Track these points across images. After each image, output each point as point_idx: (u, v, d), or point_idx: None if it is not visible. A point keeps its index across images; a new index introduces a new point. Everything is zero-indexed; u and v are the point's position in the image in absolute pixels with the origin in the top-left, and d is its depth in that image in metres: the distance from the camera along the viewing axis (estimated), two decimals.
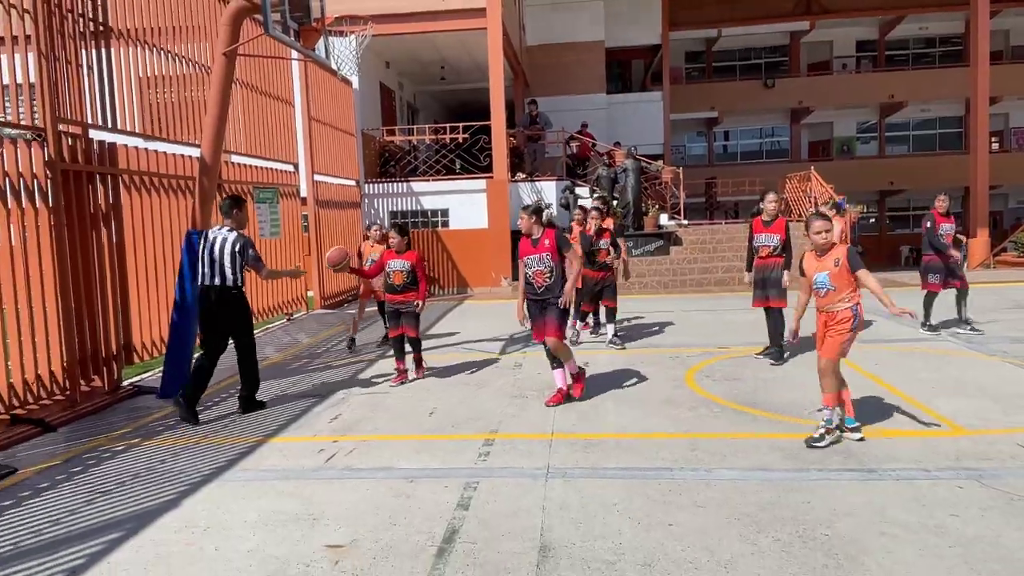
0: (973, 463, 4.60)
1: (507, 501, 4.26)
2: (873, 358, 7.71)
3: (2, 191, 6.08)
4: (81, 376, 6.96)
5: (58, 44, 6.60)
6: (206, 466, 5.09)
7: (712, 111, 32.22)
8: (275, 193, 11.30)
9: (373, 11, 12.02)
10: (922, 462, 4.65)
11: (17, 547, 3.89)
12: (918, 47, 34.08)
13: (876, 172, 32.34)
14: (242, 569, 3.55)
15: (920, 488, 4.24)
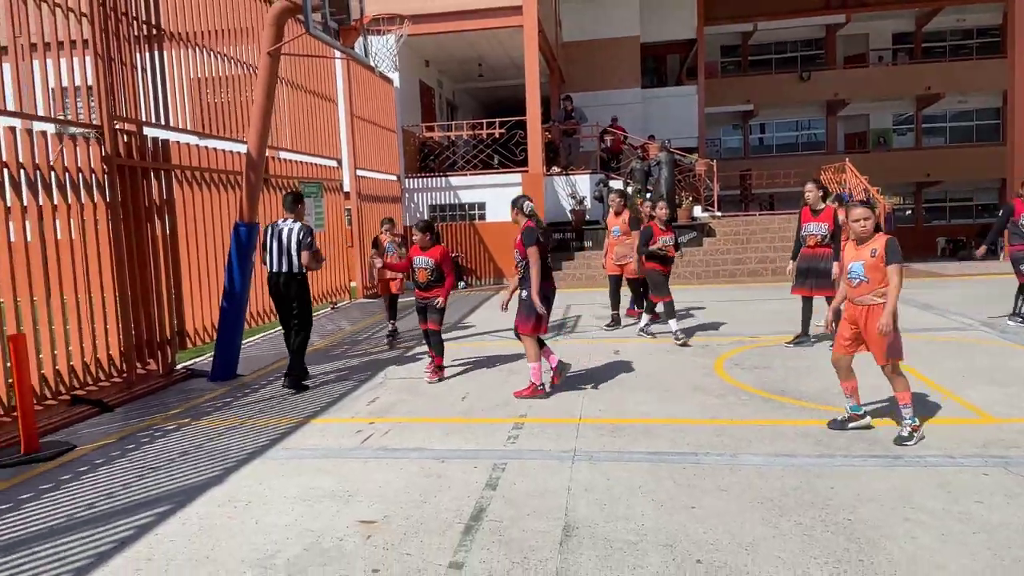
0: (1000, 451, 4.45)
1: (534, 482, 4.25)
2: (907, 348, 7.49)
3: (63, 185, 6.27)
4: (137, 359, 7.15)
5: (114, 47, 6.76)
6: (251, 445, 5.19)
7: (747, 104, 31.62)
8: (320, 188, 11.44)
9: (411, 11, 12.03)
10: (948, 449, 4.51)
11: (72, 518, 4.02)
12: (955, 39, 32.95)
13: (912, 164, 31.44)
14: (279, 542, 3.61)
15: (945, 475, 4.11)
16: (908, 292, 10.52)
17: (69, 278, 6.31)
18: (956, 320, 8.98)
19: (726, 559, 3.26)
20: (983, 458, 4.35)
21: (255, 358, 8.40)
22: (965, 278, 13.72)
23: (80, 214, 6.45)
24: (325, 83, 12.14)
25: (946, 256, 28.61)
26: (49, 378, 6.17)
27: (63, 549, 3.64)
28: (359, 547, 3.50)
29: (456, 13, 15.33)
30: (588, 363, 7.43)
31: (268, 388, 6.98)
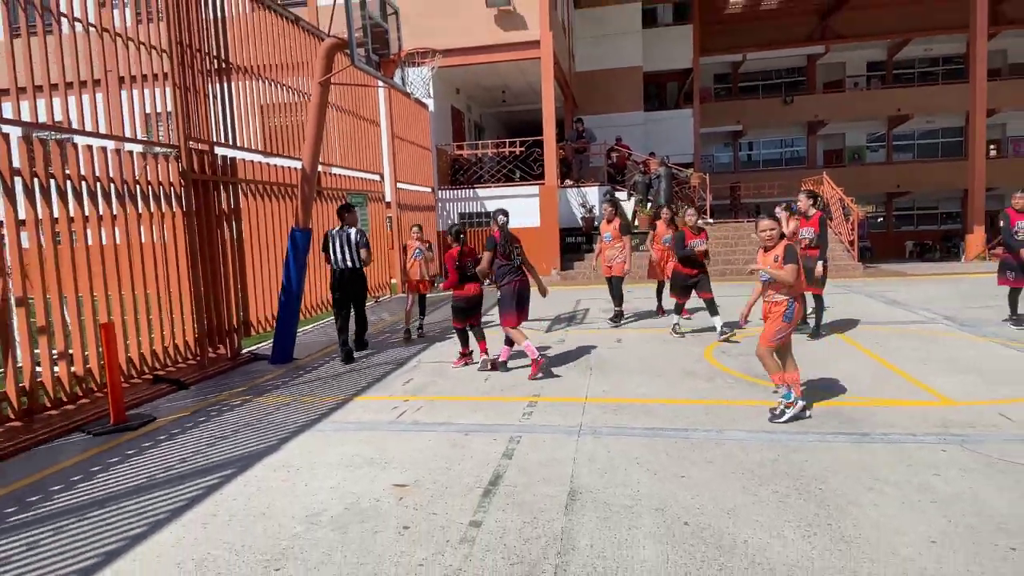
0: (958, 430, 4.35)
1: (544, 452, 4.24)
2: (873, 338, 7.38)
3: (146, 196, 6.37)
4: (209, 345, 7.25)
5: (189, 78, 6.85)
6: (303, 418, 5.23)
7: (737, 125, 31.22)
8: (364, 198, 11.49)
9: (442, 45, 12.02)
10: (911, 428, 4.42)
11: (152, 479, 4.09)
12: (923, 66, 32.20)
13: (884, 177, 30.87)
14: (325, 501, 3.64)
15: (907, 451, 4.04)
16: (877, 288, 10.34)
17: (151, 275, 6.43)
18: (921, 314, 8.79)
19: (710, 522, 3.23)
20: (941, 436, 4.26)
21: (308, 344, 8.47)
22: (930, 277, 13.43)
23: (160, 221, 6.55)
24: (369, 108, 12.19)
25: (913, 258, 28.08)
26: (135, 360, 6.28)
27: (143, 505, 3.71)
28: (392, 507, 3.52)
29: (482, 48, 15.35)
30: (595, 350, 7.38)
31: (319, 370, 7.03)
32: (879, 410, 4.85)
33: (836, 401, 5.11)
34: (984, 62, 18.99)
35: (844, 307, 9.67)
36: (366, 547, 3.12)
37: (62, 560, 3.14)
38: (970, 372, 5.79)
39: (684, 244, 7.75)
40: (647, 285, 12.80)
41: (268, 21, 8.22)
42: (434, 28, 14.92)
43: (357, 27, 6.83)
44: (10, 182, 5.01)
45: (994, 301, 9.66)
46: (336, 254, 7.30)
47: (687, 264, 7.86)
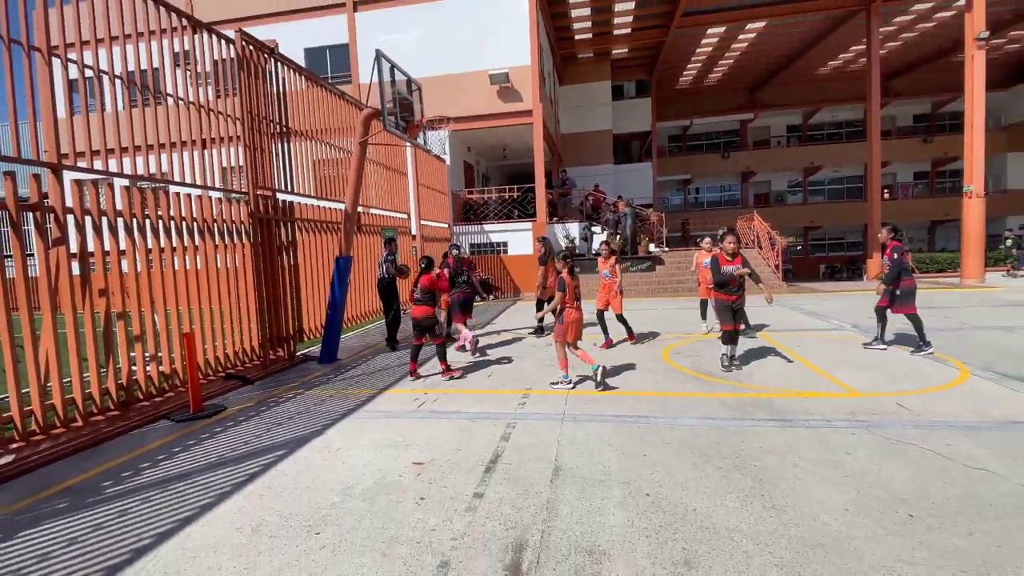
0: (864, 417, 4.27)
1: (534, 436, 4.16)
2: (795, 342, 7.30)
3: (222, 232, 6.33)
4: (270, 348, 7.15)
5: (257, 139, 6.84)
6: (342, 408, 5.14)
7: (687, 174, 31.33)
8: (395, 232, 11.46)
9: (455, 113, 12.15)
10: (826, 415, 4.34)
11: (221, 458, 4.00)
12: (831, 128, 32.36)
13: (802, 214, 30.89)
14: (358, 477, 3.55)
15: (824, 434, 3.95)
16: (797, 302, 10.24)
17: (225, 294, 6.36)
18: (833, 323, 8.71)
19: (667, 493, 3.14)
20: (851, 422, 4.18)
21: (349, 348, 8.37)
22: (839, 293, 13.36)
23: (233, 251, 6.50)
24: (399, 162, 12.20)
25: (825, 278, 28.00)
26: (211, 361, 6.20)
27: (213, 479, 3.62)
28: (412, 481, 3.44)
29: (486, 115, 15.41)
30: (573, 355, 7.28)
31: (357, 368, 6.94)
32: (801, 400, 4.77)
33: (767, 393, 5.03)
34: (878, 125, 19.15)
35: (772, 317, 9.59)
36: (390, 515, 3.03)
37: (146, 525, 3.05)
38: (873, 370, 5.70)
39: (719, 269, 6.12)
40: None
41: (319, 95, 8.24)
42: (449, 100, 15.02)
43: (388, 100, 6.85)
44: (114, 222, 4.98)
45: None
46: (382, 269, 8.14)
47: (724, 290, 6.11)
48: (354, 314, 9.59)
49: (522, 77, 15.16)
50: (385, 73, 6.77)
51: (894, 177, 31.30)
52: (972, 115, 14.25)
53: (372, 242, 10.37)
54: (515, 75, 15.15)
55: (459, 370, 6.30)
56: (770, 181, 32.73)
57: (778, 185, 32.91)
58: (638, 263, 15.88)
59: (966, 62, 14.31)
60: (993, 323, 7.86)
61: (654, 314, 10.57)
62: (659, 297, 13.97)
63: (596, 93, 24.02)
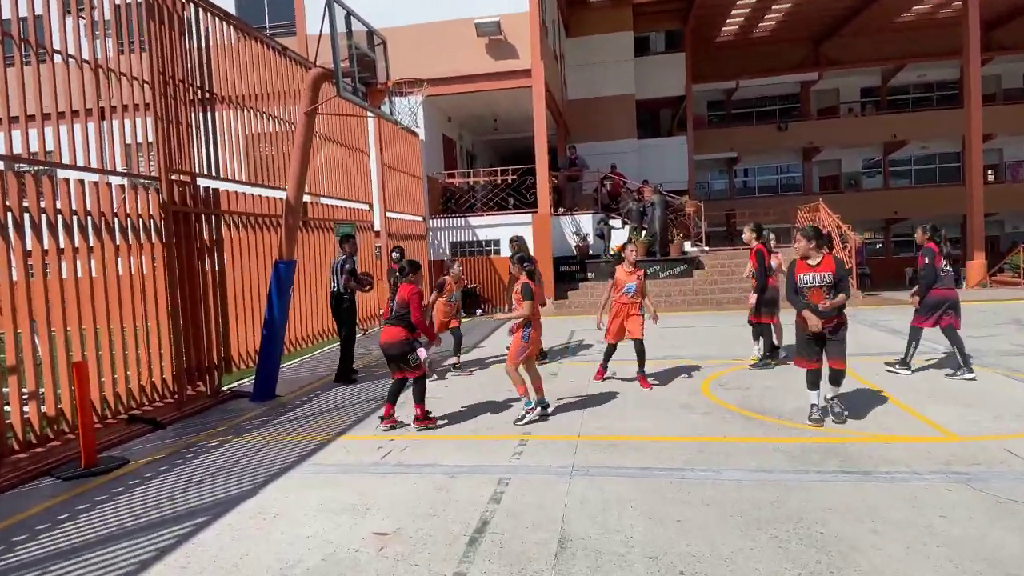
0: (963, 467, 4.28)
1: (534, 495, 4.14)
2: (873, 369, 7.33)
3: (124, 229, 6.32)
4: (187, 382, 7.13)
5: (171, 109, 6.85)
6: (282, 460, 5.11)
7: (732, 152, 31.59)
8: (353, 228, 11.48)
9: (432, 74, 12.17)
10: (914, 465, 4.35)
11: (120, 527, 3.96)
12: (918, 92, 32.80)
13: (881, 203, 31.17)
14: (301, 552, 3.52)
15: (912, 490, 3.96)
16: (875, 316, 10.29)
17: (128, 309, 6.34)
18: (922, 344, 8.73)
19: (707, 571, 3.13)
20: (946, 474, 4.19)
21: (292, 380, 8.35)
22: None
23: (139, 253, 6.49)
24: (358, 137, 12.25)
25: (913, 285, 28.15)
26: (109, 399, 6.15)
27: (111, 556, 3.58)
28: (372, 559, 3.41)
29: (473, 76, 15.54)
30: (588, 384, 7.31)
31: (302, 407, 6.92)
32: (881, 446, 4.78)
33: (836, 437, 5.04)
34: (978, 88, 19.37)
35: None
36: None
37: None
38: (974, 405, 5.73)
39: (794, 282, 5.32)
40: None
41: (254, 51, 8.28)
42: (424, 57, 15.11)
43: (344, 57, 6.89)
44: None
45: (997, 330, 9.68)
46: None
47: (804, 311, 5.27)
48: (299, 335, 9.57)
49: (518, 27, 15.30)
50: (339, 23, 6.82)
51: (1000, 154, 31.66)
52: None
53: (323, 241, 10.38)
54: (508, 24, 15.29)
55: (440, 419, 6.09)
56: (840, 160, 33.06)
57: (850, 165, 33.23)
58: (670, 267, 15.96)
59: None
60: None
61: (691, 333, 10.62)
62: (697, 311, 14.02)
63: (614, 47, 24.24)
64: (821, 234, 5.35)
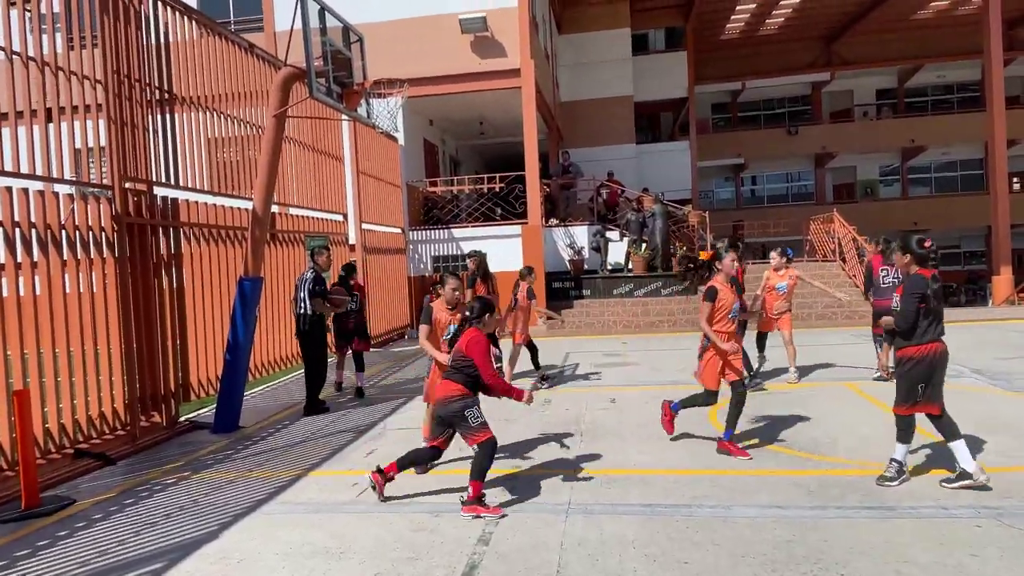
0: (994, 501, 4.31)
1: (527, 536, 4.11)
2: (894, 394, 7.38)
3: (73, 243, 6.27)
4: (141, 413, 7.04)
5: (126, 110, 6.84)
6: (247, 499, 5.05)
7: (738, 158, 32.02)
8: (325, 240, 11.47)
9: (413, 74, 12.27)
10: (941, 500, 4.38)
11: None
12: (936, 94, 33.49)
13: (900, 213, 31.62)
14: None
15: (939, 526, 3.98)
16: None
17: (76, 331, 6.27)
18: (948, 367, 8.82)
19: None
20: (976, 509, 4.21)
21: (258, 409, 8.28)
22: (955, 324, 13.58)
23: (89, 269, 6.44)
24: (332, 142, 12.29)
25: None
26: (53, 432, 6.06)
27: None
28: None
29: (457, 76, 15.65)
30: (586, 411, 7.31)
31: (269, 440, 6.85)
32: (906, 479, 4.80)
33: (856, 470, 5.07)
34: (1001, 89, 19.75)
35: (861, 358, 9.70)
36: None
37: None
38: (1004, 433, 5.79)
39: (910, 309, 4.75)
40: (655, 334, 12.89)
41: (219, 48, 8.31)
42: (405, 55, 15.24)
43: (317, 55, 6.92)
44: None
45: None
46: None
47: (907, 334, 4.80)
48: (266, 360, 9.51)
49: (506, 23, 15.47)
50: (312, 18, 6.86)
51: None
52: None
53: (293, 256, 10.36)
54: (496, 20, 15.46)
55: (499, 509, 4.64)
56: (855, 167, 33.58)
57: (866, 172, 33.73)
58: (672, 282, 16.05)
59: None
60: None
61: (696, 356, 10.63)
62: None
63: (610, 46, 24.56)
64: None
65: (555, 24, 23.29)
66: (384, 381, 9.79)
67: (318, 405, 7.96)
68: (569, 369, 10.13)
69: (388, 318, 14.59)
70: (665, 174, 24.98)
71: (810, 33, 30.21)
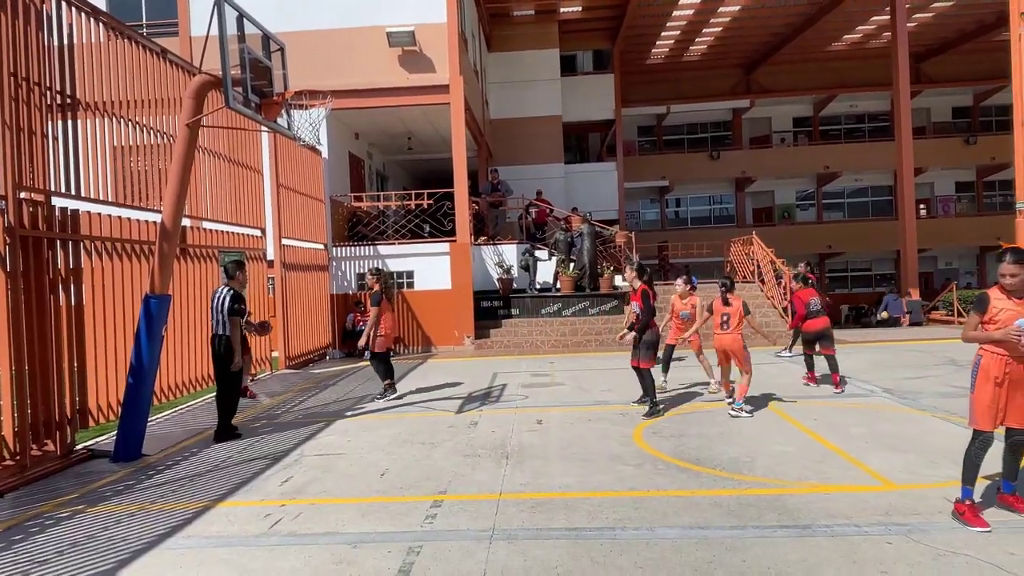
0: (902, 518, 4.52)
1: (449, 565, 4.05)
2: (810, 413, 7.70)
3: None
4: (33, 441, 6.59)
5: (23, 115, 6.47)
6: (148, 533, 4.78)
7: (663, 180, 33.01)
8: (241, 256, 11.12)
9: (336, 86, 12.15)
10: (854, 517, 4.56)
11: None
12: (849, 123, 35.52)
13: (815, 236, 33.26)
14: None
15: (852, 544, 4.14)
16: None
17: None
18: (860, 387, 9.28)
19: None
20: (886, 526, 4.40)
21: (162, 436, 7.89)
22: (866, 344, 14.32)
23: None
24: (250, 153, 11.95)
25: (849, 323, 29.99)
26: None
27: None
28: None
29: (383, 90, 15.55)
30: (512, 434, 7.29)
31: (174, 469, 6.53)
32: (820, 498, 4.99)
33: (775, 488, 5.23)
34: (908, 120, 21.16)
35: (778, 378, 10.08)
36: None
37: None
38: (911, 451, 6.10)
39: None
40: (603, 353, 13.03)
41: (128, 52, 7.98)
42: (330, 66, 15.06)
43: (235, 64, 6.75)
44: None
45: (934, 371, 10.40)
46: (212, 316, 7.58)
47: None
48: (173, 383, 9.10)
49: (434, 38, 15.51)
50: (230, 25, 6.69)
51: (932, 188, 34.52)
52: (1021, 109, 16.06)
53: (204, 272, 9.97)
54: (424, 35, 15.48)
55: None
56: (773, 191, 35.16)
57: (784, 196, 35.37)
58: (600, 302, 16.31)
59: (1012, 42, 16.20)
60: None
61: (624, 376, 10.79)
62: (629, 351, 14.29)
63: (539, 65, 24.96)
64: None
65: (485, 41, 23.51)
66: (303, 404, 9.50)
67: (230, 431, 7.65)
68: (496, 391, 10.10)
69: (308, 338, 14.24)
70: (593, 194, 25.47)
71: (731, 61, 31.64)
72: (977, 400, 4.41)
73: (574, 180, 25.78)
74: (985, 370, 4.38)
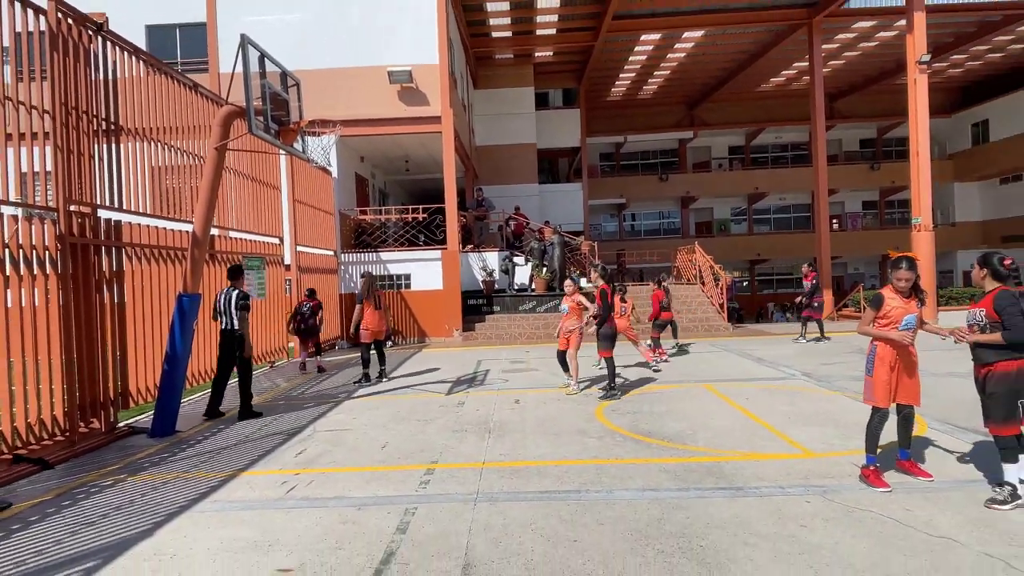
0: (819, 481, 4.59)
1: (439, 524, 4.04)
2: (743, 394, 7.78)
3: (16, 261, 5.72)
4: (80, 419, 6.46)
5: (72, 139, 6.34)
6: (181, 498, 4.71)
7: (621, 198, 33.15)
8: (262, 261, 10.99)
9: (346, 115, 12.06)
10: (779, 481, 4.62)
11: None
12: (775, 151, 35.93)
13: (747, 246, 33.64)
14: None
15: (778, 503, 4.19)
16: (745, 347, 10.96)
17: (17, 342, 5.69)
18: (783, 371, 9.40)
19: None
20: (805, 487, 4.46)
21: (193, 415, 7.76)
22: (790, 336, 14.50)
23: (32, 285, 5.88)
24: (270, 173, 11.80)
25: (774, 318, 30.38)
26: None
27: None
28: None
29: (384, 120, 15.45)
30: (494, 412, 7.28)
31: (203, 443, 6.43)
32: (751, 464, 5.04)
33: (715, 456, 5.28)
34: (823, 149, 21.54)
35: (717, 365, 10.18)
36: None
37: None
38: (827, 425, 6.19)
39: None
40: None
41: (164, 85, 7.85)
42: (338, 99, 14.92)
43: (256, 96, 6.68)
44: None
45: (843, 358, 10.56)
46: (222, 314, 7.42)
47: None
48: (202, 369, 8.96)
49: (429, 77, 15.44)
50: (253, 63, 6.62)
51: (843, 206, 35.09)
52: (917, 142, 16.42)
53: None
54: (420, 74, 15.40)
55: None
56: (712, 208, 35.45)
57: (721, 213, 35.70)
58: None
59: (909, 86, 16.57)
60: (951, 369, 8.86)
61: (585, 363, 10.84)
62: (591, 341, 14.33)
63: (517, 100, 24.96)
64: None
65: (471, 79, 23.46)
66: (315, 387, 9.41)
67: (251, 410, 7.55)
68: (481, 375, 10.08)
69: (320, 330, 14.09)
70: (562, 209, 25.55)
71: (676, 99, 31.92)
72: (876, 382, 4.49)
73: (547, 197, 25.84)
74: (881, 357, 4.46)
